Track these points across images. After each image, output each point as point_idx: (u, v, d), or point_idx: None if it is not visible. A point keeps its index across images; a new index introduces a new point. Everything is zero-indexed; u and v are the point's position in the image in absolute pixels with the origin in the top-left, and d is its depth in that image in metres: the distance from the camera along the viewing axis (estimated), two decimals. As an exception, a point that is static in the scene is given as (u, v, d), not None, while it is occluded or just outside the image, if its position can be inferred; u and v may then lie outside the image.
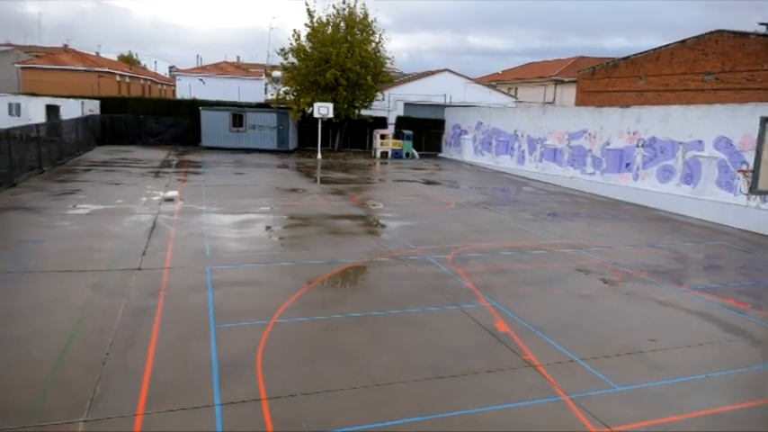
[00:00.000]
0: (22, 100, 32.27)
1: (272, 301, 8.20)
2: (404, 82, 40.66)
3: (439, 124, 35.95)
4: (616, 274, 10.71)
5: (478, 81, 44.22)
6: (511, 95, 44.52)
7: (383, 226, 14.29)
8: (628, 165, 20.31)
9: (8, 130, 17.26)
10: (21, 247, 10.35)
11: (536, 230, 14.23)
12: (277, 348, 6.67)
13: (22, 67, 48.01)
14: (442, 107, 36.60)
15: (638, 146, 19.85)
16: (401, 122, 35.44)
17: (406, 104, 37.20)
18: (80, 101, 31.72)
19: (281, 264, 10.33)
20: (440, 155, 35.46)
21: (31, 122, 23.60)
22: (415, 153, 33.25)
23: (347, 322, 7.66)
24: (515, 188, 22.65)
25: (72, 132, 25.21)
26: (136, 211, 14.02)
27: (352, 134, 35.05)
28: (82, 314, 7.36)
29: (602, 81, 32.46)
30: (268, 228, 13.50)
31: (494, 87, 44.05)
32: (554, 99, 48.99)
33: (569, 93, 44.12)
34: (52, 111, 30.60)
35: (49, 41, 70.73)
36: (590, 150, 22.20)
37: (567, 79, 47.17)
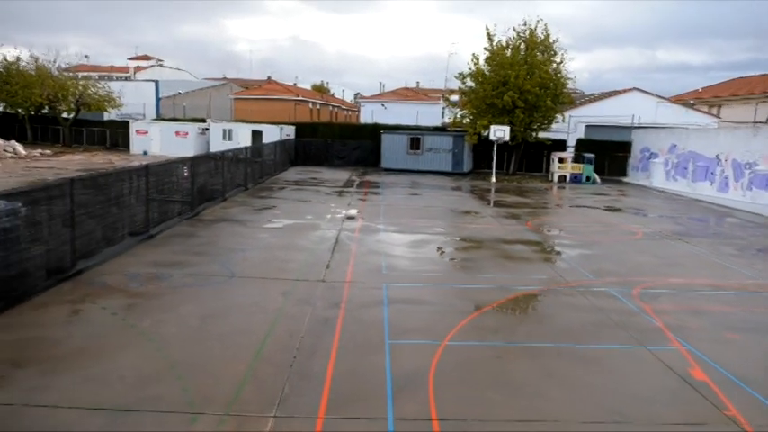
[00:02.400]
0: (233, 126, 37.19)
1: (444, 322, 8.28)
2: (586, 103, 38.73)
3: (624, 147, 33.51)
4: None
5: (672, 100, 40.40)
6: (712, 115, 39.84)
7: (560, 253, 13.65)
8: None
9: (222, 153, 20.05)
10: (229, 254, 11.86)
11: (742, 268, 12.45)
12: (448, 370, 6.70)
13: (235, 98, 55.32)
14: (628, 129, 34.08)
15: None
16: (581, 145, 33.71)
17: (588, 126, 35.33)
18: (279, 126, 35.55)
19: (452, 285, 10.41)
20: (624, 180, 32.94)
21: (239, 146, 27.09)
22: (597, 177, 31.30)
23: (518, 351, 7.43)
24: (716, 218, 20.10)
25: (271, 154, 28.36)
26: (321, 227, 15.22)
27: (528, 157, 34.20)
28: (275, 318, 8.17)
29: (835, 96, 27.50)
30: (441, 249, 13.71)
31: (691, 106, 39.84)
32: (768, 118, 42.65)
33: (788, 111, 38.10)
34: (256, 135, 34.74)
35: (256, 75, 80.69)
36: (816, 178, 18.88)
37: (785, 95, 40.84)
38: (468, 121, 31.92)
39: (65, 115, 42.19)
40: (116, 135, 41.13)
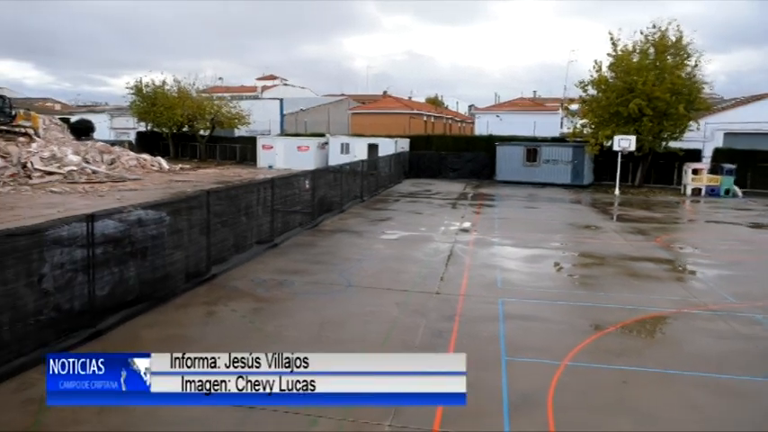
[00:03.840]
0: (351, 140, 38.54)
1: (563, 342, 7.91)
2: (724, 109, 35.41)
3: (771, 156, 30.11)
4: None
5: (833, 102, 35.61)
6: None
7: (695, 273, 12.54)
8: None
9: (341, 166, 20.86)
10: (347, 264, 12.26)
11: None
12: (568, 392, 6.38)
13: (352, 113, 57.38)
14: (776, 136, 30.63)
15: None
16: (719, 155, 30.80)
17: (727, 134, 32.29)
18: (394, 139, 36.25)
19: (572, 303, 9.93)
20: (772, 193, 29.59)
21: (356, 159, 28.00)
22: (738, 191, 28.38)
23: (647, 377, 6.90)
24: None
25: (386, 167, 28.99)
26: (435, 239, 15.24)
27: (657, 168, 31.84)
28: (389, 328, 8.29)
29: None
30: (559, 264, 13.16)
31: None
32: None
33: None
34: (372, 148, 35.70)
35: (372, 89, 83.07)
36: None
37: None
38: (590, 130, 30.49)
39: (201, 132, 46.25)
40: (245, 150, 44.30)
